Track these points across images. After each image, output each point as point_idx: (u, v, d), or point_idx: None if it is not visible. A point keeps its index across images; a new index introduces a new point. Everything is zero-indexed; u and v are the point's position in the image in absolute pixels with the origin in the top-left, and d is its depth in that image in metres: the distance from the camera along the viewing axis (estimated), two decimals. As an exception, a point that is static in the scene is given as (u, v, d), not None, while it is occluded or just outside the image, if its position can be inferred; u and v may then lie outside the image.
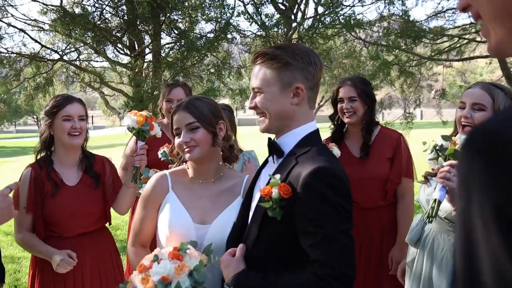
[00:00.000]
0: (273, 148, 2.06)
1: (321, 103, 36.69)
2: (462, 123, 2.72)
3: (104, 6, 8.34)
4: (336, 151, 3.46)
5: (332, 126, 3.87)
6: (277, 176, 1.90)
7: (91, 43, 8.25)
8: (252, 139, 7.64)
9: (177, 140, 2.39)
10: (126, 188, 3.33)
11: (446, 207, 2.72)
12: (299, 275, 1.84)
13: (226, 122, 3.66)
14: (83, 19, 7.64)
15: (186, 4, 7.63)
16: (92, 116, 50.98)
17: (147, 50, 9.39)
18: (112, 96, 13.60)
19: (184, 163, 2.57)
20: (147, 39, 9.35)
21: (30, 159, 3.31)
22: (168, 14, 7.92)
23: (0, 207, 2.17)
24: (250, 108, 2.13)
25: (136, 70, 8.81)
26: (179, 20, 8.43)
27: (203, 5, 7.45)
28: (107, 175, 3.40)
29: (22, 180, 3.10)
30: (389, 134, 3.67)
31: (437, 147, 2.64)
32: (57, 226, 3.12)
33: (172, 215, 2.34)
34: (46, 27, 9.18)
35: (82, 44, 9.08)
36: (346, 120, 3.63)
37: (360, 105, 3.59)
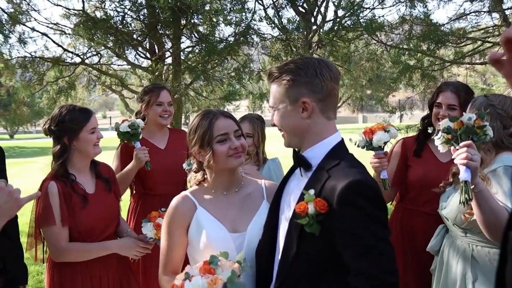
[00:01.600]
0: (301, 161, 2.08)
1: (339, 105, 36.56)
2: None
3: (125, 10, 8.40)
4: (394, 132, 3.20)
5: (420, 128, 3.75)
6: (311, 191, 1.93)
7: (113, 47, 8.32)
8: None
9: (224, 146, 2.35)
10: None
11: (452, 212, 2.86)
12: None
13: (259, 132, 3.68)
14: (105, 23, 7.71)
15: (207, 8, 7.64)
16: (110, 117, 51.58)
17: (167, 54, 9.45)
18: (132, 98, 13.73)
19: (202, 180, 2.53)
20: (168, 43, 9.39)
21: (50, 159, 3.29)
22: (189, 19, 7.95)
23: (3, 201, 2.10)
24: (272, 125, 2.19)
25: (156, 74, 8.86)
26: (200, 24, 8.46)
27: (224, 10, 7.45)
28: (113, 179, 3.53)
29: (51, 195, 3.07)
30: None
31: (445, 130, 2.68)
32: (88, 235, 3.17)
33: (208, 229, 2.34)
34: (68, 30, 9.31)
35: (103, 48, 9.18)
36: (438, 127, 3.39)
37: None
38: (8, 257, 2.69)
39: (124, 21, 8.36)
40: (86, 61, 9.60)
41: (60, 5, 9.57)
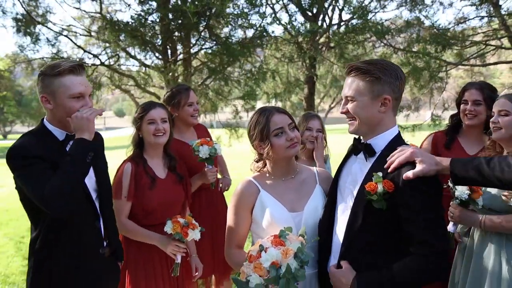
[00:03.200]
0: (367, 148, 2.45)
1: (332, 106, 36.96)
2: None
3: (148, 14, 8.75)
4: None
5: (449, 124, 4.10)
6: (380, 173, 2.29)
7: (137, 50, 8.66)
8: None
9: (281, 139, 2.66)
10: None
11: (489, 198, 3.17)
12: (407, 262, 2.24)
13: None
14: (128, 27, 8.05)
15: (228, 11, 8.03)
16: (104, 117, 51.59)
17: (182, 55, 9.81)
18: (140, 98, 14.05)
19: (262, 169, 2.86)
20: (186, 45, 9.75)
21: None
22: (208, 22, 8.33)
23: (79, 117, 2.67)
24: (342, 113, 2.50)
25: (176, 75, 9.26)
26: (219, 27, 8.87)
27: (247, 14, 7.84)
28: (186, 177, 3.89)
29: (124, 173, 3.53)
30: None
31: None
32: (152, 214, 3.58)
33: (271, 209, 2.68)
34: (79, 31, 9.65)
35: (119, 50, 9.52)
36: (466, 121, 3.82)
37: (483, 110, 3.76)
38: (112, 234, 3.09)
39: (147, 24, 8.70)
40: (105, 62, 9.96)
41: (79, 8, 9.95)
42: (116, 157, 3.69)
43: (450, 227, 3.29)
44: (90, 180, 2.88)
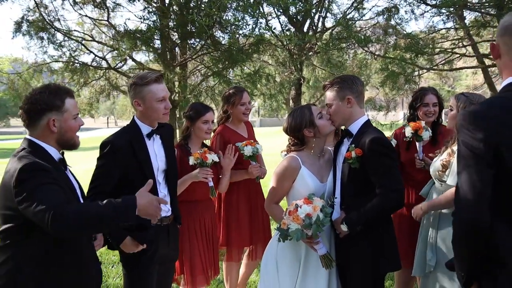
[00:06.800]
0: (347, 132, 3.52)
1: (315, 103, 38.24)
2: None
3: (155, 23, 9.75)
4: (426, 135, 4.44)
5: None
6: (353, 145, 3.35)
7: (154, 58, 9.59)
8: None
9: (323, 120, 3.55)
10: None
11: (434, 172, 3.93)
12: (373, 201, 3.22)
13: None
14: (145, 35, 9.05)
15: (230, 20, 9.08)
16: (94, 117, 51.35)
17: (184, 60, 10.85)
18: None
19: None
20: (183, 52, 10.78)
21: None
22: (213, 30, 9.40)
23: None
24: (328, 113, 3.57)
25: (176, 77, 10.29)
26: (221, 35, 9.97)
27: (246, 21, 8.89)
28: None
29: None
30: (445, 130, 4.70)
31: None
32: (190, 190, 4.38)
33: (310, 181, 3.52)
34: (84, 36, 10.49)
35: (127, 55, 10.46)
36: (428, 119, 4.75)
37: (438, 109, 4.78)
38: (174, 204, 3.77)
39: (156, 33, 9.71)
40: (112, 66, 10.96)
41: (89, 17, 10.91)
42: (94, 156, 3.86)
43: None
44: (161, 163, 3.64)
